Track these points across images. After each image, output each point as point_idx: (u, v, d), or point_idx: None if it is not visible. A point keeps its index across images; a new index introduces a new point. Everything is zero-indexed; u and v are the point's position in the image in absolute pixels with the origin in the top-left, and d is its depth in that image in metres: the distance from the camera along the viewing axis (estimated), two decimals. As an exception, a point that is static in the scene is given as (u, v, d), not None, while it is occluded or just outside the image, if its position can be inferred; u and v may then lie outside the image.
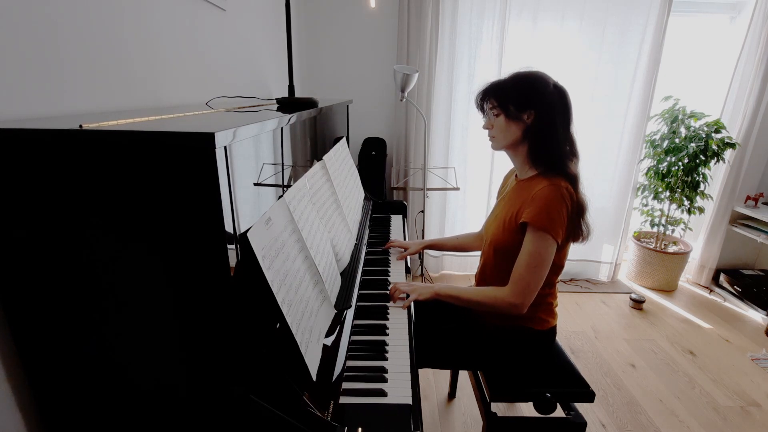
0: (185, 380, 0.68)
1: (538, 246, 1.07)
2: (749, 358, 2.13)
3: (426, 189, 2.53)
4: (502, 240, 1.17)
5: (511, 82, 1.15)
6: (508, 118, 1.14)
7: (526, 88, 1.12)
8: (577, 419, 1.16)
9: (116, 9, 0.91)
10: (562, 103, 1.12)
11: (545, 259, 1.08)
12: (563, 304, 2.63)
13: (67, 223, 0.60)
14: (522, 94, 1.12)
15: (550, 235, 1.06)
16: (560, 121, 1.12)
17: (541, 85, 1.12)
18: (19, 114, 0.68)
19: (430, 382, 1.92)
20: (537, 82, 1.13)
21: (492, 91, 1.17)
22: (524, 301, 1.10)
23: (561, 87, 1.14)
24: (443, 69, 2.62)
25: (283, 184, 0.94)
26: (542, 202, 1.06)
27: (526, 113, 1.12)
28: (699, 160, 2.56)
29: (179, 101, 1.17)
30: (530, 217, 1.07)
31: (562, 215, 1.07)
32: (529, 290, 1.09)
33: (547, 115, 1.11)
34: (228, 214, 0.60)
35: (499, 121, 1.16)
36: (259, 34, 1.85)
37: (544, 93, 1.11)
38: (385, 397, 0.81)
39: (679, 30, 2.71)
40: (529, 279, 1.09)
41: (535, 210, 1.07)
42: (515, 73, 1.16)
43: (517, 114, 1.13)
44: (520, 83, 1.14)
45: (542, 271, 1.09)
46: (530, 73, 1.15)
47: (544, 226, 1.06)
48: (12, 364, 0.69)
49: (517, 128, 1.14)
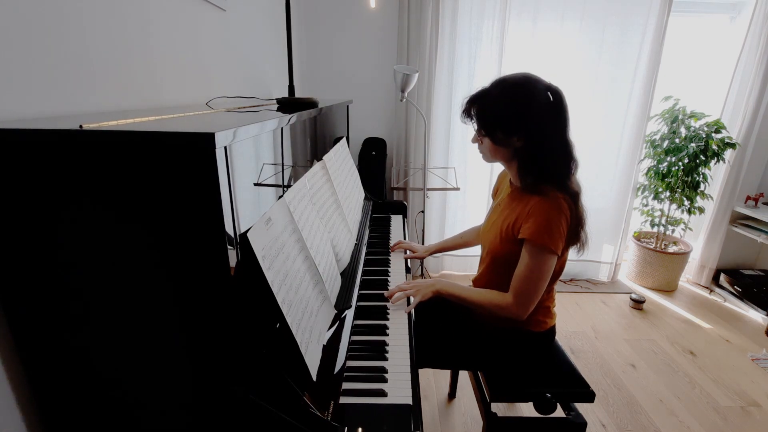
0: (185, 380, 0.68)
1: (538, 260, 1.05)
2: (749, 358, 2.13)
3: (426, 189, 2.53)
4: (500, 250, 1.16)
5: (497, 97, 1.06)
6: (495, 143, 1.09)
7: (514, 111, 1.03)
8: (577, 419, 1.16)
9: (116, 9, 0.91)
10: (556, 110, 1.04)
11: (545, 272, 1.07)
12: (563, 304, 2.63)
13: (67, 223, 0.60)
14: (510, 118, 1.04)
15: (549, 249, 1.04)
16: (554, 135, 1.05)
17: (531, 102, 1.03)
18: (19, 114, 0.68)
19: (430, 382, 1.92)
20: (526, 98, 1.03)
21: (476, 108, 1.09)
22: (525, 311, 1.09)
23: (555, 89, 1.05)
24: (443, 69, 2.62)
25: (283, 184, 0.94)
26: (540, 218, 1.03)
27: (515, 137, 1.05)
28: (699, 160, 2.56)
29: (179, 101, 1.17)
30: (528, 234, 1.05)
31: (561, 228, 1.04)
32: (530, 301, 1.09)
33: (537, 136, 1.04)
34: (228, 214, 0.60)
35: (486, 142, 1.11)
36: (259, 34, 1.85)
37: (534, 111, 1.03)
38: (385, 397, 0.81)
39: (679, 30, 2.71)
40: (530, 291, 1.08)
41: (534, 226, 1.04)
42: (501, 84, 1.07)
43: (506, 139, 1.06)
44: (507, 102, 1.04)
45: (543, 283, 1.08)
46: (519, 84, 1.05)
47: (543, 242, 1.03)
48: (12, 364, 0.69)
49: (507, 151, 1.09)
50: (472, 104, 1.11)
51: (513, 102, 1.04)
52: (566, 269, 3.05)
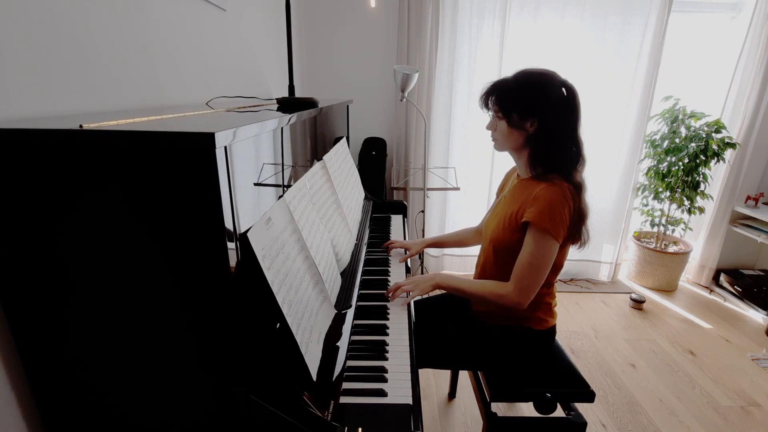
0: (186, 380, 0.68)
1: (540, 246, 1.07)
2: (749, 358, 2.13)
3: (426, 189, 2.53)
4: (502, 238, 1.17)
5: (517, 85, 1.11)
6: (510, 125, 1.12)
7: (531, 95, 1.09)
8: (577, 419, 1.16)
9: (116, 9, 0.91)
10: (569, 105, 1.09)
11: (547, 258, 1.08)
12: (563, 304, 2.63)
13: (67, 223, 0.60)
14: (526, 102, 1.09)
15: (551, 235, 1.06)
16: (565, 127, 1.10)
17: (548, 90, 1.08)
18: (19, 114, 0.68)
19: (430, 382, 1.92)
20: (544, 86, 1.08)
21: (496, 93, 1.14)
22: (525, 299, 1.10)
23: (570, 86, 1.10)
24: (443, 69, 2.62)
25: (283, 184, 0.94)
26: (544, 203, 1.06)
27: (529, 121, 1.10)
28: (699, 160, 2.56)
29: (179, 101, 1.17)
30: (532, 217, 1.07)
31: (564, 216, 1.06)
32: (530, 289, 1.10)
33: (550, 123, 1.08)
34: (228, 214, 0.60)
35: (502, 126, 1.14)
36: (259, 34, 1.85)
37: (550, 99, 1.07)
38: (385, 397, 0.81)
39: (679, 29, 2.71)
40: (531, 278, 1.09)
41: (537, 210, 1.06)
42: (522, 73, 1.12)
43: (520, 122, 1.11)
44: (525, 87, 1.10)
45: (544, 270, 1.09)
46: (537, 73, 1.11)
47: (545, 226, 1.05)
48: (12, 364, 0.69)
49: (520, 135, 1.13)
50: (492, 89, 1.15)
51: (531, 87, 1.10)
52: (566, 269, 3.06)
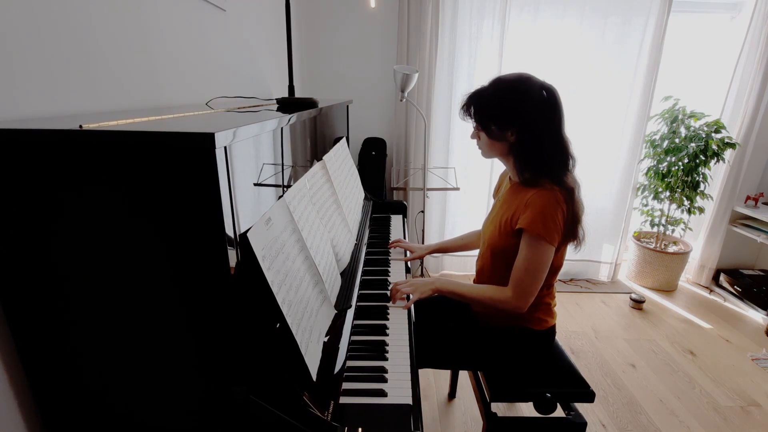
0: (186, 380, 0.68)
1: (535, 251, 1.07)
2: (749, 358, 2.13)
3: (426, 189, 2.53)
4: (498, 243, 1.17)
5: (492, 94, 1.10)
6: (490, 137, 1.13)
7: (508, 105, 1.08)
8: (577, 419, 1.16)
9: (116, 9, 0.91)
10: (550, 108, 1.07)
11: (543, 263, 1.09)
12: (563, 304, 2.63)
13: (67, 223, 0.60)
14: (503, 112, 1.09)
15: (545, 240, 1.06)
16: (547, 131, 1.08)
17: (525, 97, 1.07)
18: (19, 114, 0.68)
19: (430, 382, 1.92)
20: (520, 93, 1.07)
21: (473, 105, 1.14)
22: (525, 303, 1.11)
23: (549, 87, 1.08)
24: (443, 69, 2.62)
25: (283, 184, 0.94)
26: (537, 209, 1.06)
27: (508, 131, 1.10)
28: (699, 160, 2.56)
29: (179, 101, 1.17)
30: (525, 224, 1.07)
31: (557, 220, 1.06)
32: (529, 293, 1.10)
33: (530, 131, 1.08)
34: (228, 214, 0.60)
35: (483, 137, 1.15)
36: (259, 35, 1.85)
37: (528, 105, 1.06)
38: (385, 397, 0.81)
39: (679, 29, 2.71)
40: (529, 282, 1.09)
41: (530, 217, 1.06)
42: (497, 82, 1.11)
43: (500, 133, 1.11)
44: (501, 97, 1.09)
45: (541, 274, 1.10)
46: (513, 80, 1.09)
47: (539, 232, 1.05)
48: (12, 364, 0.69)
49: (502, 145, 1.13)
50: (470, 101, 1.15)
51: (505, 98, 1.09)
52: (566, 269, 3.06)
